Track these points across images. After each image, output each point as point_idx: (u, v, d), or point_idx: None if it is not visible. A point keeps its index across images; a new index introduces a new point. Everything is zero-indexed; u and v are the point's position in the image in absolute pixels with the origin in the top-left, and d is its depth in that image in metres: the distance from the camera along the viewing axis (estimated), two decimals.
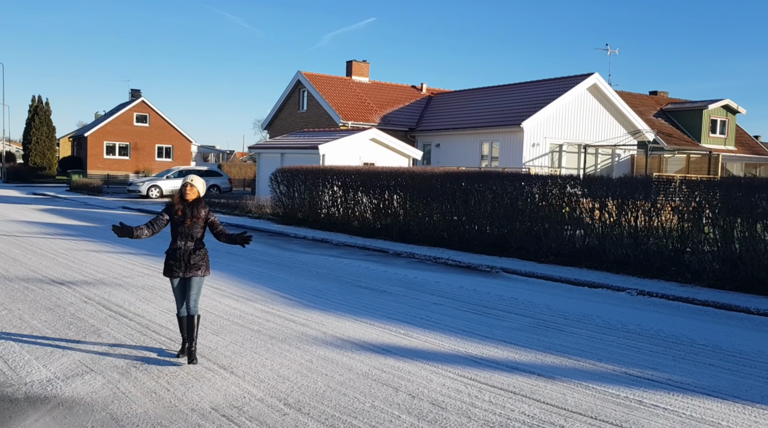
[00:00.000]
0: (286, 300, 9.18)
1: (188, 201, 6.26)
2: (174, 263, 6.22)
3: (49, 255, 12.86)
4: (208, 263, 6.39)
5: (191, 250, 6.23)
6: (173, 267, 6.23)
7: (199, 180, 6.41)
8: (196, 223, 6.23)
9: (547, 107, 28.21)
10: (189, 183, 6.32)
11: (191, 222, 6.20)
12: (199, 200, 6.33)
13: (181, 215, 6.22)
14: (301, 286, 10.31)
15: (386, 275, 11.63)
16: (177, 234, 6.28)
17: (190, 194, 6.27)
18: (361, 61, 38.16)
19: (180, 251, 6.22)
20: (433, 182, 16.51)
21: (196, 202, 6.29)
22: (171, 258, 6.25)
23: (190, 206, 6.25)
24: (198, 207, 6.27)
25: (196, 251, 6.26)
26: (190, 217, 6.21)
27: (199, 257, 6.26)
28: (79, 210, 25.09)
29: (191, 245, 6.24)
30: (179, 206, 6.25)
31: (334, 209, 19.90)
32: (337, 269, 12.18)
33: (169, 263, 6.25)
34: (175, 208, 6.27)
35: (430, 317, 8.31)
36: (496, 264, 12.99)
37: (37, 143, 53.98)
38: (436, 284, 10.81)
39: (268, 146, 26.88)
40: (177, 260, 6.21)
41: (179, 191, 6.35)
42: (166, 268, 6.29)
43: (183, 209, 6.23)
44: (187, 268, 6.20)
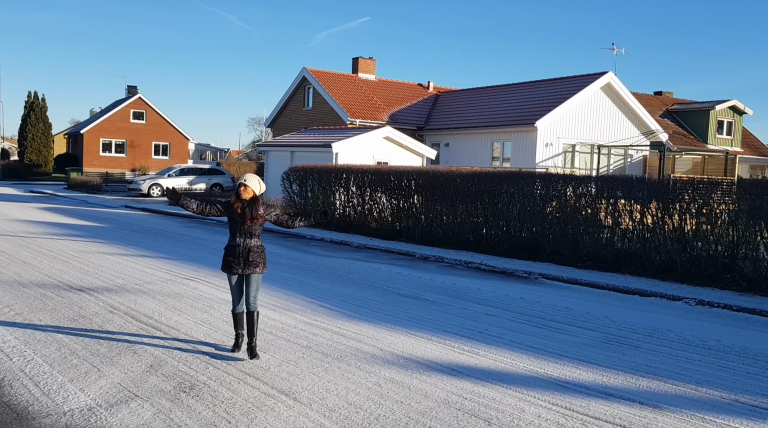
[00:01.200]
0: (327, 310, 8.50)
1: (246, 200, 6.28)
2: (233, 259, 6.27)
3: (61, 258, 12.12)
4: (265, 260, 6.41)
5: (250, 247, 6.27)
6: (232, 264, 6.28)
7: (253, 179, 6.36)
8: (256, 222, 6.28)
9: (561, 106, 27.60)
10: (243, 183, 6.31)
11: (251, 222, 6.27)
12: (256, 199, 6.34)
13: (240, 213, 6.25)
14: (337, 294, 9.63)
15: (422, 282, 10.96)
16: (236, 231, 6.32)
17: (245, 193, 6.28)
18: (368, 58, 37.47)
19: (239, 249, 6.27)
20: (458, 182, 15.85)
21: (253, 201, 6.30)
22: (230, 255, 6.30)
23: (249, 205, 6.27)
24: (256, 206, 6.29)
25: (254, 248, 6.29)
26: (250, 217, 6.25)
27: (257, 254, 6.30)
28: (82, 209, 24.31)
29: (250, 243, 6.29)
30: (238, 205, 6.27)
31: (350, 209, 19.21)
32: (368, 275, 11.50)
33: (228, 260, 6.30)
34: (234, 207, 6.28)
35: (490, 331, 7.64)
36: (533, 270, 12.35)
37: (33, 140, 53.02)
38: (478, 292, 10.15)
39: (276, 144, 26.15)
40: (236, 256, 6.26)
41: (235, 190, 6.35)
42: (224, 264, 6.34)
43: (242, 207, 6.26)
44: (246, 265, 6.25)
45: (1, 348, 6.43)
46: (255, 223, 6.25)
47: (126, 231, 17.26)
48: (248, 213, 6.22)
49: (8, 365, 5.93)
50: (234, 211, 6.26)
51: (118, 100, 62.19)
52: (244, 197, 6.24)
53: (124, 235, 16.31)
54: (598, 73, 29.40)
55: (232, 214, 6.29)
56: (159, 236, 16.50)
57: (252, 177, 6.32)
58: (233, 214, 6.28)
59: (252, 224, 6.25)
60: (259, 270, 6.30)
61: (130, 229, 17.88)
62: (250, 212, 6.22)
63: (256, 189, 6.30)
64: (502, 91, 32.92)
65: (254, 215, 6.22)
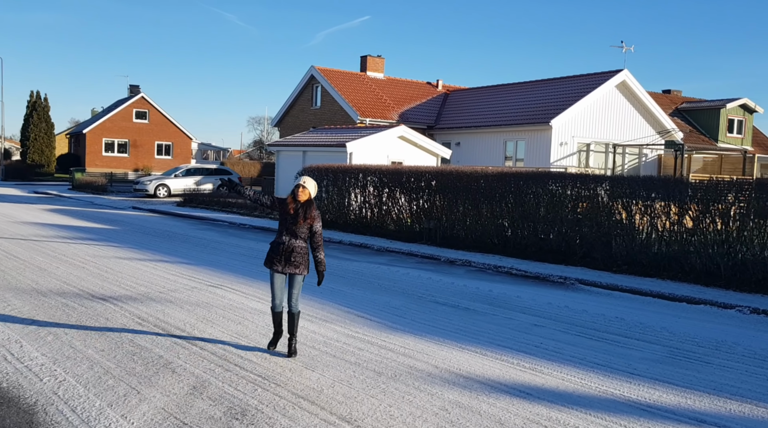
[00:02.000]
0: (367, 321, 8.02)
1: (301, 202, 6.34)
2: (275, 256, 6.35)
3: (77, 263, 11.64)
4: (308, 262, 6.43)
5: (293, 247, 6.32)
6: (274, 260, 6.36)
7: (311, 182, 6.45)
8: (307, 223, 6.32)
9: (576, 104, 27.13)
10: (301, 184, 6.37)
11: (303, 223, 6.31)
12: (311, 202, 6.39)
13: (293, 214, 6.31)
14: (373, 302, 9.14)
15: (456, 288, 10.48)
16: (284, 230, 6.38)
17: (302, 195, 6.33)
18: (376, 56, 36.99)
19: (283, 246, 6.33)
20: (482, 183, 15.37)
21: (308, 203, 6.36)
22: (273, 251, 6.37)
23: (303, 207, 6.33)
24: (311, 209, 6.34)
25: (297, 249, 6.33)
26: (303, 218, 6.30)
27: (300, 256, 6.34)
28: (89, 211, 23.82)
29: (294, 243, 6.33)
30: (292, 205, 6.34)
31: (367, 210, 18.73)
32: (398, 280, 11.02)
33: (271, 256, 6.38)
34: (288, 207, 6.35)
35: (546, 345, 7.16)
36: (567, 274, 11.87)
37: (36, 140, 52.48)
38: (518, 300, 9.67)
39: (288, 144, 25.66)
40: (279, 254, 6.33)
41: (291, 191, 6.39)
42: (267, 259, 6.42)
43: (296, 208, 6.32)
44: (287, 264, 6.32)
45: (30, 366, 5.95)
46: (305, 225, 6.29)
47: (138, 234, 16.78)
48: (302, 214, 6.27)
49: (39, 387, 5.45)
50: (287, 210, 6.33)
51: (121, 100, 61.69)
52: (300, 199, 6.30)
53: (137, 238, 15.83)
54: (612, 71, 28.92)
55: (285, 212, 6.35)
56: (173, 239, 16.01)
57: (309, 180, 6.42)
58: (286, 213, 6.34)
59: (302, 226, 6.28)
60: (299, 271, 6.34)
61: (142, 231, 17.40)
62: (304, 214, 6.28)
63: (312, 192, 6.39)
64: (515, 89, 32.43)
65: (307, 216, 6.28)
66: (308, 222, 6.29)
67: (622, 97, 29.12)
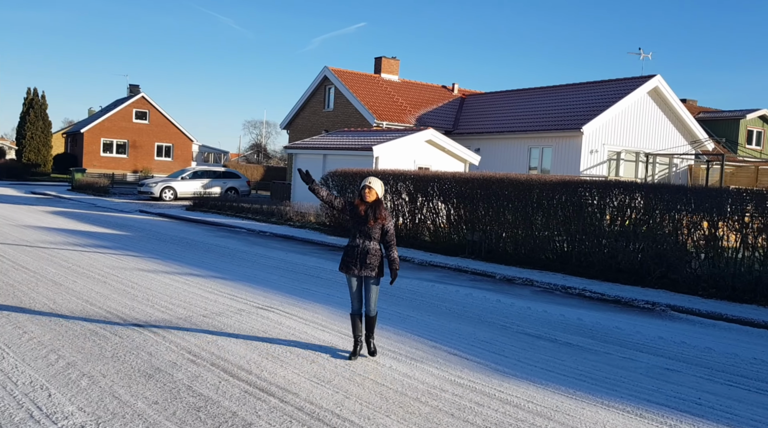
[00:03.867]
0: (463, 361, 6.59)
1: (369, 202, 6.27)
2: (350, 259, 6.27)
3: (96, 277, 10.16)
4: (383, 265, 6.33)
5: (368, 249, 6.23)
6: (349, 264, 6.27)
7: (377, 182, 6.38)
8: (378, 224, 6.23)
9: (609, 110, 25.86)
10: (367, 185, 6.30)
11: (374, 223, 6.23)
12: (380, 202, 6.30)
13: (364, 215, 6.23)
14: (455, 333, 7.72)
15: (538, 315, 9.08)
16: (356, 232, 6.30)
17: (369, 196, 6.26)
18: (391, 58, 35.66)
19: (357, 249, 6.26)
20: (535, 191, 13.99)
21: (376, 203, 6.28)
22: (348, 255, 6.29)
23: (372, 208, 6.26)
24: (380, 209, 6.26)
25: (372, 250, 6.24)
26: (373, 218, 6.22)
27: (375, 258, 6.24)
28: (95, 214, 22.29)
29: (368, 245, 6.24)
30: (362, 207, 6.27)
31: (399, 220, 17.32)
32: (466, 304, 9.60)
33: (346, 260, 6.30)
34: (358, 208, 6.28)
35: (706, 402, 5.75)
36: (652, 299, 10.48)
37: (32, 139, 50.77)
38: (619, 332, 8.28)
39: (307, 147, 24.21)
40: (353, 257, 6.26)
41: (358, 192, 6.33)
42: (342, 264, 6.33)
43: (365, 210, 6.25)
44: (362, 267, 6.23)
45: None
46: (377, 225, 6.21)
47: (155, 241, 15.30)
48: (371, 215, 6.20)
49: None
50: (357, 212, 6.26)
51: (120, 99, 60.13)
52: (368, 200, 6.24)
53: (155, 246, 14.35)
54: (644, 76, 27.68)
55: (355, 215, 6.28)
56: (194, 247, 14.54)
57: (375, 180, 6.34)
58: (356, 215, 6.27)
59: (373, 226, 6.20)
60: (375, 274, 6.25)
61: (158, 238, 15.92)
62: (374, 214, 6.20)
63: (379, 192, 6.30)
64: (540, 94, 31.12)
65: (377, 216, 6.19)
66: (379, 222, 6.20)
67: (654, 104, 27.87)
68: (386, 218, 6.25)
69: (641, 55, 40.41)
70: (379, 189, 6.33)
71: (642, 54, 40.13)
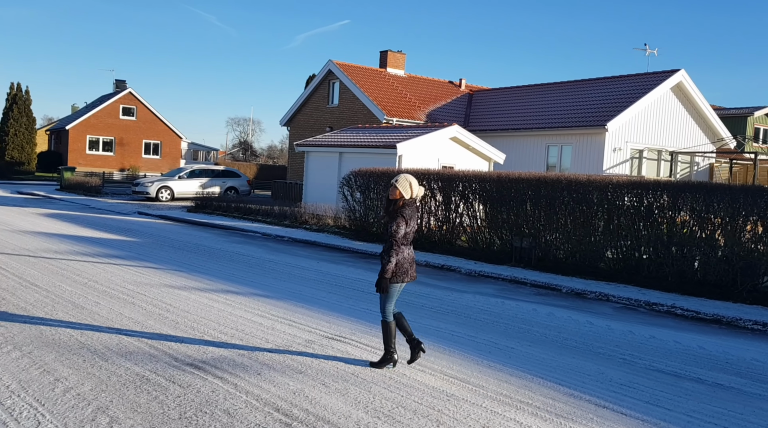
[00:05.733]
0: (623, 418, 5.24)
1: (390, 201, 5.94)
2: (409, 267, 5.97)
3: (120, 296, 8.68)
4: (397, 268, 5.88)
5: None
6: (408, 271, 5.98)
7: (402, 180, 5.90)
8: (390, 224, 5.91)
9: (633, 106, 24.70)
10: (391, 183, 5.91)
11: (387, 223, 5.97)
12: (395, 202, 5.89)
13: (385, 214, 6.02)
14: (578, 371, 6.37)
15: (651, 343, 7.77)
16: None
17: (392, 194, 5.92)
18: (397, 52, 34.24)
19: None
20: (594, 193, 12.69)
21: (393, 202, 5.91)
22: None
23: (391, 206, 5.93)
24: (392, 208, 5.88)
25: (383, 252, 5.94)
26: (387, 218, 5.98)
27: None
28: (91, 216, 20.67)
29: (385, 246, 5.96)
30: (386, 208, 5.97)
31: (434, 223, 15.96)
32: (557, 328, 8.27)
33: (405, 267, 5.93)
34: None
35: None
36: (758, 318, 9.22)
37: (15, 136, 48.72)
38: (763, 366, 6.97)
39: (320, 144, 22.73)
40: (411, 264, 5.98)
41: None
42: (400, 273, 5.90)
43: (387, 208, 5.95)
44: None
45: None
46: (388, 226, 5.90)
47: (168, 248, 13.80)
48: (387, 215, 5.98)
49: None
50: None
51: (106, 95, 58.13)
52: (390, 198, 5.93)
53: (171, 255, 12.87)
54: (668, 71, 26.55)
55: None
56: (215, 256, 13.07)
57: (401, 177, 5.90)
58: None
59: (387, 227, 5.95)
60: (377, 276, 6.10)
61: (171, 245, 14.41)
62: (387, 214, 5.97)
63: (403, 191, 5.86)
64: (556, 89, 29.89)
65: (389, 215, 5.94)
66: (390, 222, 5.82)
67: (676, 100, 26.76)
68: (391, 216, 5.81)
69: (647, 51, 39.37)
70: (404, 188, 5.82)
71: (648, 50, 39.09)
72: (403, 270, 5.85)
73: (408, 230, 5.82)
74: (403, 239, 5.80)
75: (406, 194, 5.83)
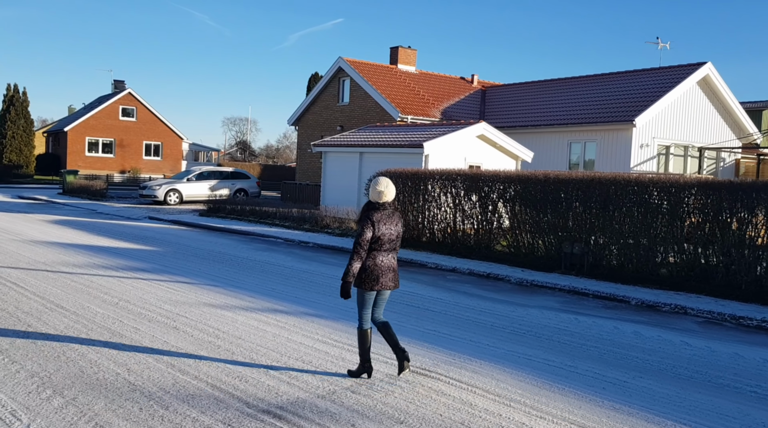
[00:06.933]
0: None
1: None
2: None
3: (160, 319, 7.73)
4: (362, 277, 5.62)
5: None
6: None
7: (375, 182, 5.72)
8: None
9: (661, 100, 23.83)
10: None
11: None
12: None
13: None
14: (694, 407, 5.48)
15: (764, 369, 6.86)
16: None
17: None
18: (407, 47, 33.29)
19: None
20: (654, 193, 11.80)
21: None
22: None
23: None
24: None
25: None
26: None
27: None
28: (101, 222, 19.68)
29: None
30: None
31: (468, 225, 15.05)
32: (659, 353, 7.36)
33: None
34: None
35: None
36: None
37: (13, 138, 47.60)
38: None
39: (339, 144, 21.76)
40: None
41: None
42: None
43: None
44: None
45: None
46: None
47: (193, 258, 12.85)
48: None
49: None
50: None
51: (105, 96, 57.04)
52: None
53: (198, 266, 11.92)
54: (694, 64, 25.66)
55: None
56: (245, 267, 12.13)
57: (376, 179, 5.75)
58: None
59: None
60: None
61: (195, 254, 13.46)
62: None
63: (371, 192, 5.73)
64: (577, 84, 28.97)
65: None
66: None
67: (702, 93, 25.91)
68: (359, 221, 5.64)
69: (659, 44, 38.53)
70: (373, 192, 5.67)
71: (660, 44, 38.25)
72: (372, 277, 5.59)
73: (378, 234, 5.53)
74: (375, 245, 5.56)
75: (376, 199, 5.64)
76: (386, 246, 5.63)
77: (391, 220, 5.64)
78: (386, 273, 5.64)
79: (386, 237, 5.59)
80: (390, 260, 5.69)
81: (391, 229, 5.62)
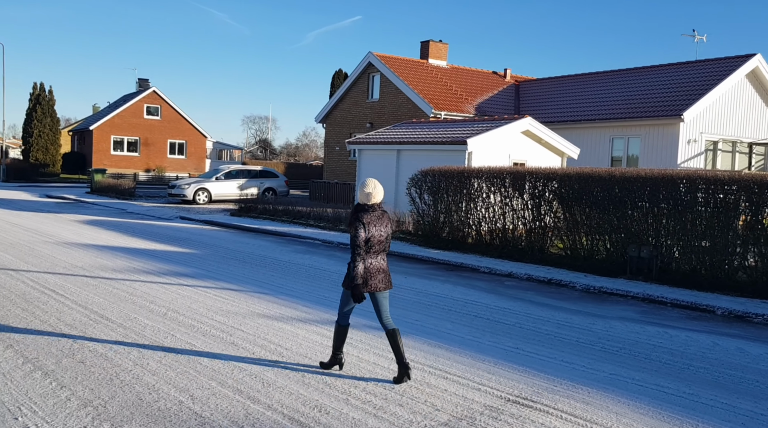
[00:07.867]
0: None
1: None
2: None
3: (212, 332, 7.04)
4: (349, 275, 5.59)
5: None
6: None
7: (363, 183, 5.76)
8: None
9: (709, 94, 22.84)
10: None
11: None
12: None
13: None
14: None
15: None
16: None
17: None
18: (438, 41, 32.45)
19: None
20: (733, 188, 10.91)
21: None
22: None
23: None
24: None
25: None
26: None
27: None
28: (133, 223, 19.12)
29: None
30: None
31: (521, 226, 14.24)
32: (760, 371, 6.53)
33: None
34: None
35: None
36: None
37: (39, 137, 47.50)
38: None
39: (374, 141, 21.01)
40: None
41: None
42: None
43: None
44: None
45: None
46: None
47: (234, 262, 12.19)
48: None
49: None
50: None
51: (129, 94, 56.85)
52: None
53: (241, 270, 11.25)
54: (742, 55, 24.58)
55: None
56: (289, 271, 11.43)
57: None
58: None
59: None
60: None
61: (235, 258, 12.80)
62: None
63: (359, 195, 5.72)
64: (616, 77, 27.96)
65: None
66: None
67: (751, 87, 24.81)
68: (350, 223, 5.64)
69: (695, 37, 37.27)
70: (361, 193, 5.69)
71: (696, 36, 36.99)
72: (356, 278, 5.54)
73: (368, 236, 5.51)
74: (365, 246, 5.53)
75: (365, 200, 5.64)
76: (376, 248, 5.59)
77: (380, 221, 5.63)
78: (376, 275, 5.57)
79: (376, 239, 5.56)
80: (380, 262, 5.64)
81: (380, 230, 5.60)
